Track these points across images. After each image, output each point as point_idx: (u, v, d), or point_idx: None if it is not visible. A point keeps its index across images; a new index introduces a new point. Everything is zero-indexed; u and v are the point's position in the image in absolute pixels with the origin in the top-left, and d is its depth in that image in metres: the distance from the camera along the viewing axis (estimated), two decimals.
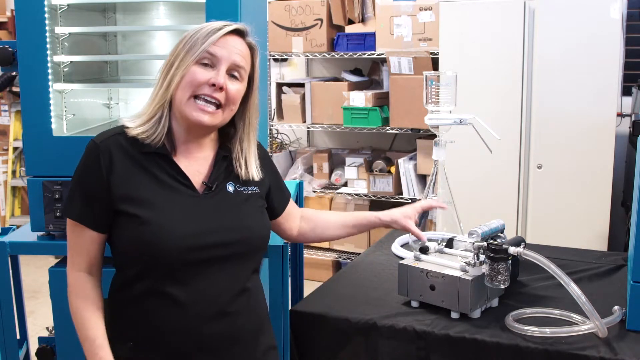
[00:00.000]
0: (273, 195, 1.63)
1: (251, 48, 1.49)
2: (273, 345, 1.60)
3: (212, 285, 1.43)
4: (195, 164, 1.49)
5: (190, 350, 1.43)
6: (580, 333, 1.57)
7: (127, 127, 1.44)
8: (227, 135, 1.54)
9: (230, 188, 1.50)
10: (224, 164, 1.51)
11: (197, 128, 1.46)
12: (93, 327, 1.46)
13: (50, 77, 2.02)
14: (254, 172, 1.53)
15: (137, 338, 1.44)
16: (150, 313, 1.42)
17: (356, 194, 4.37)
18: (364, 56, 4.25)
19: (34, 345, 2.29)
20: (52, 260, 2.90)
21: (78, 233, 1.46)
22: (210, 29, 1.43)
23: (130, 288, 1.44)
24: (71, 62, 2.17)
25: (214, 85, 1.40)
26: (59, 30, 2.10)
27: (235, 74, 1.45)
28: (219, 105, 1.43)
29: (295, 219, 1.74)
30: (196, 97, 1.41)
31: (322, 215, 1.79)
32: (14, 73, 2.09)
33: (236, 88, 1.45)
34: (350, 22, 4.29)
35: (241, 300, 1.48)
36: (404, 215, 1.75)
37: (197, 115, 1.41)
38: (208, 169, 1.50)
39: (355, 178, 4.36)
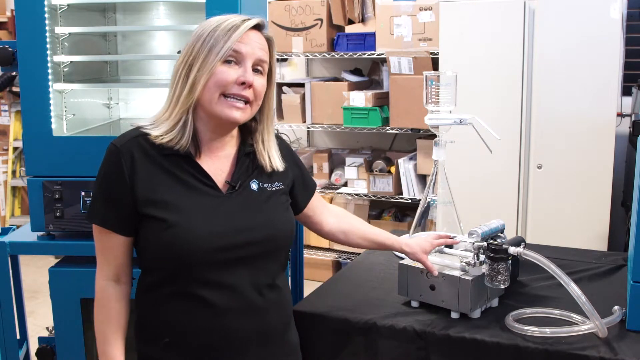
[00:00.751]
0: (297, 190, 1.62)
1: (269, 41, 1.47)
2: (298, 341, 1.61)
3: (240, 284, 1.43)
4: (218, 163, 1.47)
5: (220, 349, 1.43)
6: (580, 333, 1.56)
7: (150, 135, 1.41)
8: (247, 130, 1.53)
9: (254, 186, 1.49)
10: (246, 161, 1.50)
11: (226, 125, 1.45)
12: (112, 344, 1.46)
13: (50, 77, 2.02)
14: (277, 163, 1.52)
15: (167, 337, 1.44)
16: (179, 314, 1.42)
17: (356, 194, 4.37)
18: (364, 56, 4.25)
19: (34, 345, 2.29)
20: (52, 260, 2.90)
21: (104, 238, 1.45)
22: (231, 25, 1.40)
23: (158, 290, 1.44)
24: (71, 62, 2.17)
25: (243, 83, 1.39)
26: (59, 30, 2.10)
27: (259, 68, 1.44)
28: (246, 102, 1.42)
29: (325, 213, 1.73)
30: (225, 95, 1.40)
31: (353, 222, 1.79)
32: (14, 73, 2.09)
33: (261, 83, 1.44)
34: (350, 22, 4.29)
35: (269, 297, 1.48)
36: (423, 250, 1.75)
37: (230, 112, 1.40)
38: (230, 167, 1.49)
39: (355, 178, 4.36)
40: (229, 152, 1.50)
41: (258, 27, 1.45)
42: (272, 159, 1.52)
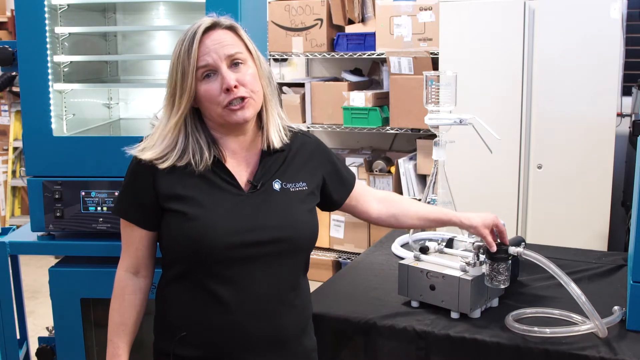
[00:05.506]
0: (330, 187, 1.61)
1: (230, 29, 1.45)
2: (315, 347, 1.60)
3: (256, 283, 1.44)
4: (243, 162, 1.49)
5: (235, 348, 1.44)
6: (580, 333, 1.56)
7: (162, 167, 1.43)
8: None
9: (276, 186, 1.49)
10: (270, 160, 1.51)
11: (239, 126, 1.46)
12: (120, 334, 1.50)
13: (50, 77, 2.02)
14: (273, 139, 1.50)
15: (184, 331, 1.46)
16: (195, 309, 1.44)
17: None
18: (364, 56, 4.25)
19: (34, 345, 2.29)
20: (52, 260, 2.90)
21: (128, 230, 1.49)
22: (188, 43, 1.40)
23: (176, 286, 1.47)
24: (71, 62, 2.17)
25: (227, 89, 1.40)
26: (59, 30, 2.10)
27: (237, 60, 1.43)
28: (243, 98, 1.43)
29: (369, 201, 1.71)
30: (224, 106, 1.42)
31: (402, 203, 1.73)
32: (14, 73, 2.09)
33: (245, 72, 1.43)
34: (350, 22, 4.29)
35: (286, 300, 1.48)
36: (485, 224, 1.66)
37: (235, 117, 1.42)
38: (254, 166, 1.50)
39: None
40: (254, 152, 1.51)
41: (214, 27, 1.43)
42: (270, 135, 1.50)
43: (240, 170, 1.49)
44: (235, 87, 1.40)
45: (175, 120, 1.43)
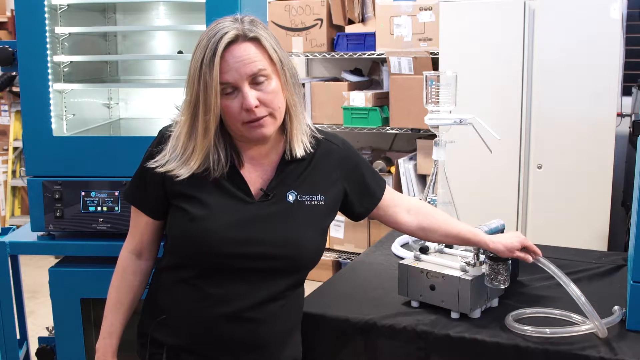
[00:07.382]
0: (353, 200, 1.57)
1: (253, 41, 1.36)
2: (297, 357, 1.59)
3: (243, 292, 1.43)
4: (260, 169, 1.47)
5: (210, 345, 1.44)
6: (580, 333, 1.56)
7: (179, 176, 1.41)
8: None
9: (290, 197, 1.46)
10: (286, 170, 1.47)
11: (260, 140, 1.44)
12: (114, 310, 1.53)
13: (50, 77, 2.02)
14: (296, 148, 1.45)
15: (166, 318, 1.48)
16: (181, 301, 1.45)
17: None
18: (364, 56, 4.25)
19: (34, 345, 2.29)
20: (52, 260, 2.90)
21: (135, 215, 1.53)
22: (208, 59, 1.33)
23: (170, 273, 1.48)
24: (71, 62, 2.17)
25: (247, 110, 1.35)
26: (59, 30, 2.10)
27: (260, 79, 1.36)
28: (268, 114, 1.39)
29: (398, 211, 1.66)
30: (244, 122, 1.39)
31: (433, 218, 1.67)
32: (14, 73, 2.09)
33: (268, 91, 1.37)
34: (350, 22, 4.29)
35: (270, 310, 1.46)
36: (508, 249, 1.61)
37: (255, 134, 1.39)
38: (270, 174, 1.47)
39: None
40: (273, 159, 1.48)
41: (236, 39, 1.35)
42: (292, 144, 1.46)
43: (257, 177, 1.46)
44: (257, 106, 1.36)
45: (202, 143, 1.39)
